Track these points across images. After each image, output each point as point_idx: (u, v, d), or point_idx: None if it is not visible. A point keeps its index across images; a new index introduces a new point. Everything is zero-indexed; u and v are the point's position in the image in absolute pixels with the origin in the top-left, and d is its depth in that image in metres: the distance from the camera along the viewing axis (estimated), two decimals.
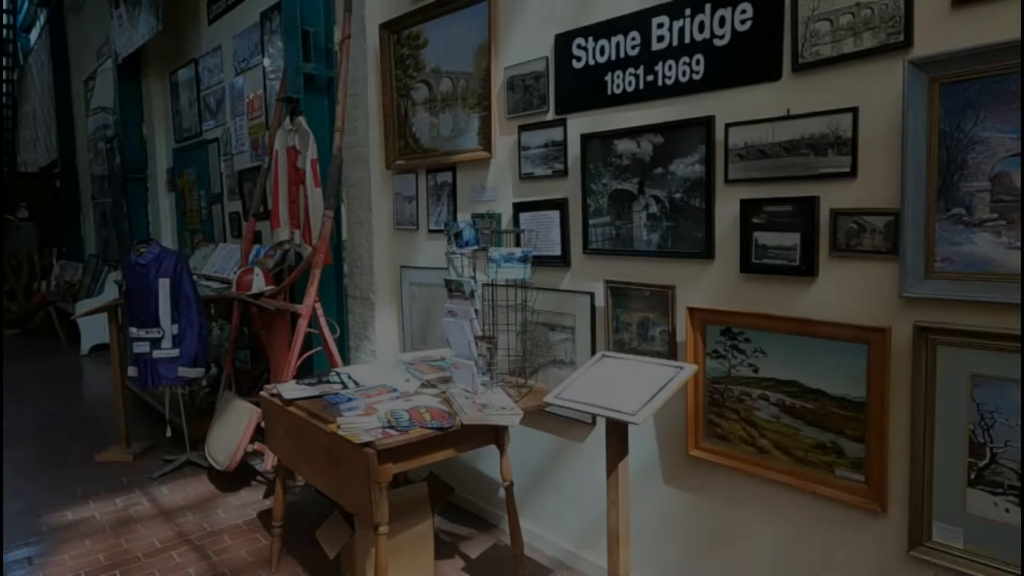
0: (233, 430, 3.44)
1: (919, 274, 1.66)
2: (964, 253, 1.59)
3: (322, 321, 3.25)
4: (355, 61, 3.49)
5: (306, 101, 3.62)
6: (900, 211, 1.66)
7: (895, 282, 1.71)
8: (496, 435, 2.31)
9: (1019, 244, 1.51)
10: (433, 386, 2.51)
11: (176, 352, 3.58)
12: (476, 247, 2.40)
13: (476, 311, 2.33)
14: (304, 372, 3.45)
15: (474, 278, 2.42)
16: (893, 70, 1.66)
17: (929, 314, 1.66)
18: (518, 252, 2.26)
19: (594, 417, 2.49)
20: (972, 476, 1.62)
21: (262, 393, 2.58)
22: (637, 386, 1.91)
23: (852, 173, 1.77)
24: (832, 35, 1.78)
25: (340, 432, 2.06)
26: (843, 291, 1.82)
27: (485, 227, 2.84)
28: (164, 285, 3.54)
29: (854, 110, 1.75)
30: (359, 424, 2.09)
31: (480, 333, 2.31)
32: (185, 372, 3.61)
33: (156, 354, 3.56)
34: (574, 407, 1.89)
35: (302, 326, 3.17)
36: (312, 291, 3.20)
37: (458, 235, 2.36)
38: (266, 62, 4.61)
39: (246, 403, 3.47)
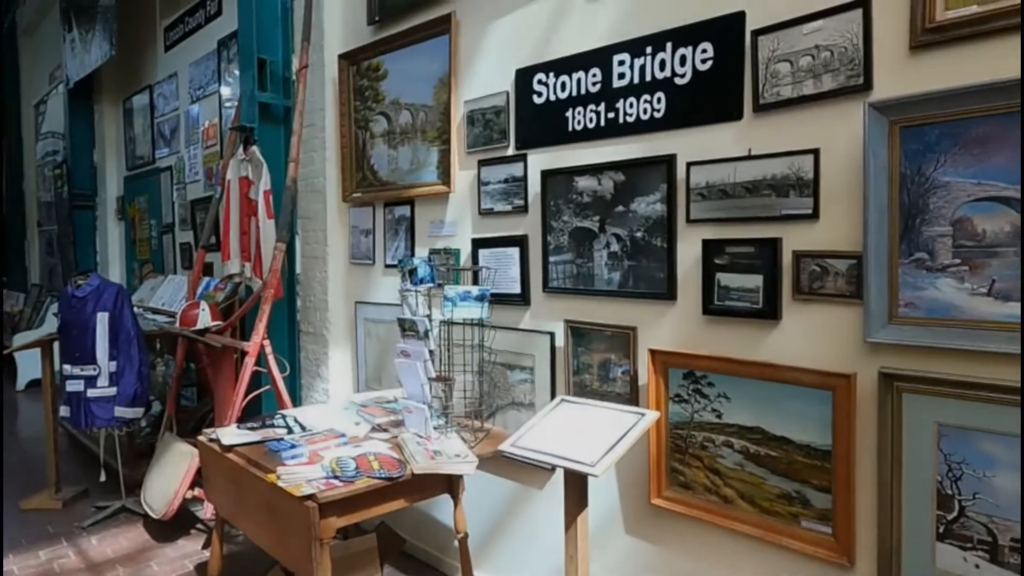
0: (172, 475, 3.22)
1: (883, 319, 1.62)
2: (927, 298, 1.56)
3: (270, 359, 3.09)
4: (313, 91, 3.41)
5: (261, 131, 3.51)
6: (863, 254, 1.63)
7: (859, 327, 1.66)
8: (450, 484, 2.18)
9: (984, 290, 1.48)
10: (384, 430, 2.38)
11: (113, 391, 3.36)
12: (431, 284, 2.30)
13: (431, 352, 2.23)
14: (251, 413, 3.27)
15: (429, 317, 2.32)
16: (854, 112, 1.64)
17: (894, 360, 1.62)
18: (475, 291, 2.17)
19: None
20: (941, 530, 1.56)
21: (200, 438, 2.41)
22: (597, 433, 1.81)
23: (814, 215, 1.74)
24: (792, 76, 1.77)
25: (280, 483, 1.91)
26: (807, 335, 1.78)
27: (443, 263, 2.75)
28: (102, 319, 3.33)
29: (815, 151, 1.72)
30: (301, 474, 1.94)
31: (434, 375, 2.20)
32: (122, 412, 3.39)
33: (91, 393, 3.33)
34: (531, 457, 1.79)
35: (248, 364, 3.01)
36: (260, 327, 3.04)
37: (412, 272, 2.26)
38: (223, 90, 4.50)
39: (187, 445, 3.26)
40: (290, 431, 2.35)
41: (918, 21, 1.54)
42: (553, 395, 2.43)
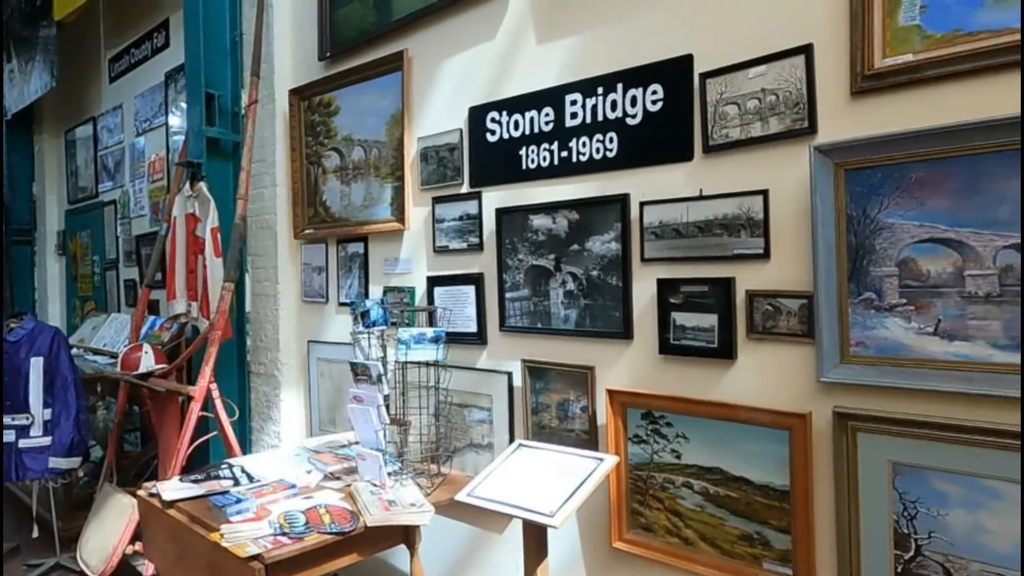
0: (111, 529, 3.04)
1: (835, 358, 1.63)
2: (877, 338, 1.58)
3: (218, 404, 2.96)
4: (263, 126, 3.34)
5: (209, 166, 3.41)
6: (814, 294, 1.64)
7: (812, 366, 1.67)
8: (406, 534, 2.10)
9: (930, 330, 1.50)
10: (337, 478, 2.29)
11: (47, 440, 3.17)
12: (384, 327, 2.24)
13: (385, 396, 2.16)
14: (199, 459, 3.13)
15: (383, 359, 2.25)
16: (800, 155, 1.67)
17: (847, 399, 1.63)
18: (429, 333, 2.12)
19: None
20: (899, 569, 1.56)
21: (140, 492, 2.27)
22: (555, 480, 1.77)
23: (766, 255, 1.75)
24: (740, 119, 1.79)
25: (223, 542, 1.81)
26: (762, 374, 1.78)
27: (397, 301, 2.70)
28: (36, 365, 3.16)
29: (765, 192, 1.74)
30: (246, 532, 1.84)
31: (388, 421, 2.13)
32: (57, 463, 3.20)
33: (22, 443, 3.14)
34: (488, 506, 1.73)
35: (194, 410, 2.88)
36: (207, 371, 2.92)
37: (365, 314, 2.20)
38: (172, 120, 4.38)
39: (127, 497, 3.09)
40: (236, 483, 2.23)
41: (858, 67, 1.58)
42: (512, 436, 2.38)
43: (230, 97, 3.51)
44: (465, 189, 2.53)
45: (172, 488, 2.19)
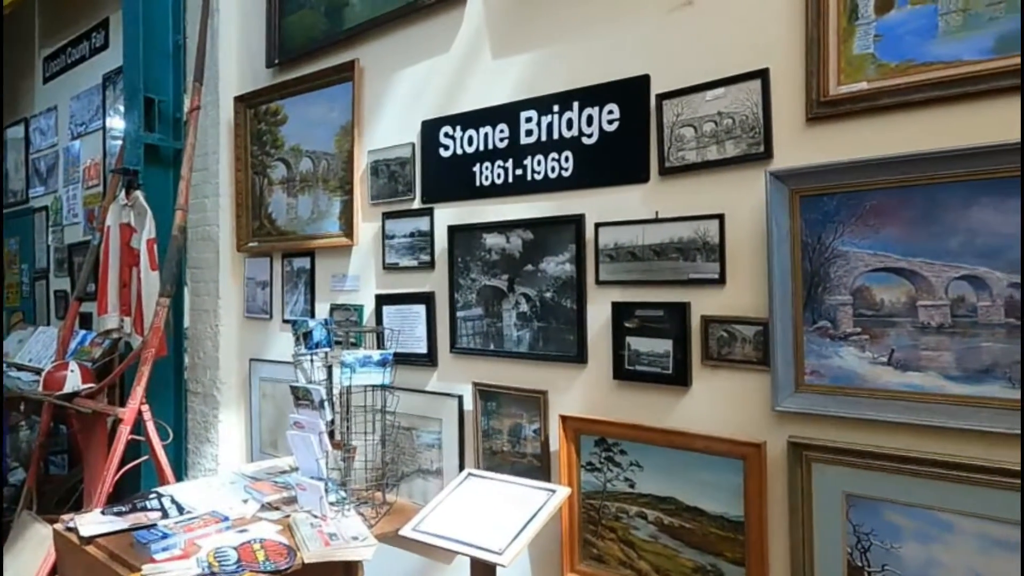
0: (27, 562, 2.81)
1: (790, 387, 1.61)
2: (832, 367, 1.56)
3: (149, 426, 2.79)
4: (206, 134, 3.19)
5: (147, 174, 3.24)
6: (769, 321, 1.62)
7: (768, 394, 1.64)
8: (347, 569, 1.98)
9: (884, 359, 1.49)
10: (276, 508, 2.16)
11: None
12: (328, 348, 2.13)
13: (329, 423, 2.05)
14: (129, 486, 2.94)
15: (327, 382, 2.14)
16: (756, 180, 1.65)
17: (802, 429, 1.60)
18: (376, 355, 2.03)
19: None
20: None
21: (56, 527, 2.10)
22: (506, 513, 1.70)
23: (721, 280, 1.72)
24: (696, 141, 1.77)
25: None
26: (717, 402, 1.74)
27: (345, 319, 2.59)
28: None
29: (721, 217, 1.72)
30: (172, 572, 1.70)
31: (330, 449, 2.02)
32: None
33: None
34: (434, 542, 1.64)
35: (123, 433, 2.69)
36: (138, 391, 2.74)
37: (307, 335, 2.09)
38: (112, 126, 4.17)
39: (47, 527, 2.87)
40: (164, 515, 2.08)
41: (813, 94, 1.57)
42: (462, 461, 2.30)
43: (172, 102, 3.35)
44: (417, 205, 2.45)
45: (92, 522, 2.02)
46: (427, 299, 2.39)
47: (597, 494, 1.95)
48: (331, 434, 2.15)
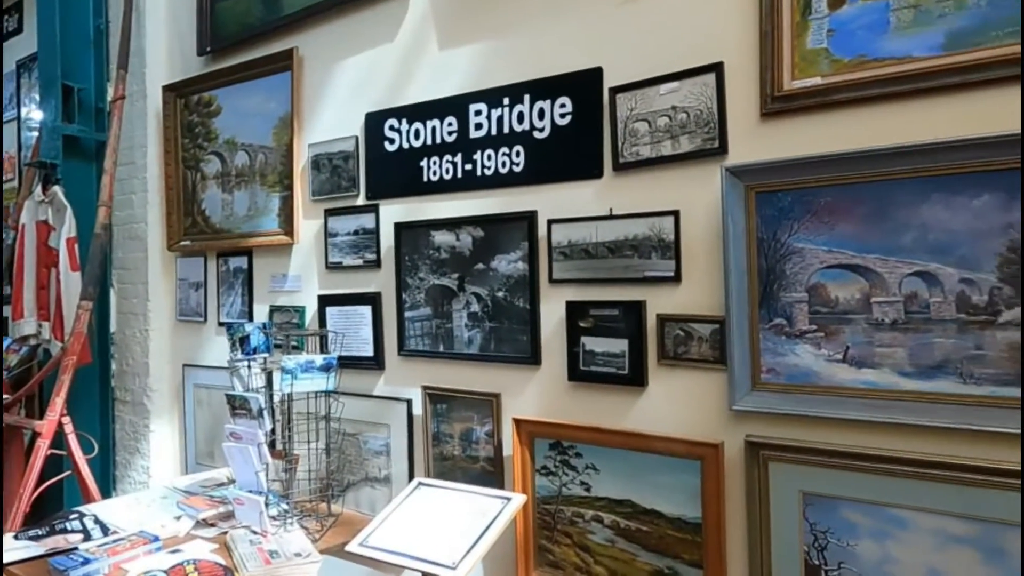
0: None
1: (746, 386, 1.59)
2: (788, 364, 1.54)
3: (71, 439, 2.59)
4: (132, 125, 2.99)
5: (66, 168, 3.02)
6: (725, 319, 1.59)
7: (724, 393, 1.62)
8: None
9: (839, 356, 1.48)
10: (212, 525, 2.02)
11: None
12: (267, 354, 2.01)
13: (268, 432, 1.93)
14: (51, 504, 2.73)
15: (266, 389, 2.02)
16: (711, 176, 1.62)
17: (759, 428, 1.58)
18: (319, 360, 1.92)
19: None
20: None
21: None
22: (458, 524, 1.62)
23: (677, 278, 1.69)
24: (651, 136, 1.73)
25: None
26: (674, 402, 1.71)
27: (285, 321, 2.46)
28: None
29: (676, 213, 1.68)
30: None
31: (270, 460, 1.90)
32: None
33: None
34: (382, 558, 1.55)
35: (41, 448, 2.49)
36: (57, 402, 2.54)
37: (244, 340, 1.96)
38: (27, 117, 3.88)
39: None
40: (87, 537, 1.92)
41: (768, 89, 1.55)
42: (411, 467, 2.21)
43: (93, 91, 3.13)
44: (361, 201, 2.34)
45: (5, 547, 1.84)
46: (373, 300, 2.29)
47: (552, 499, 1.90)
48: (272, 444, 2.03)
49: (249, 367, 2.01)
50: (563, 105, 1.89)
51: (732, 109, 1.61)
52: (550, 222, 1.89)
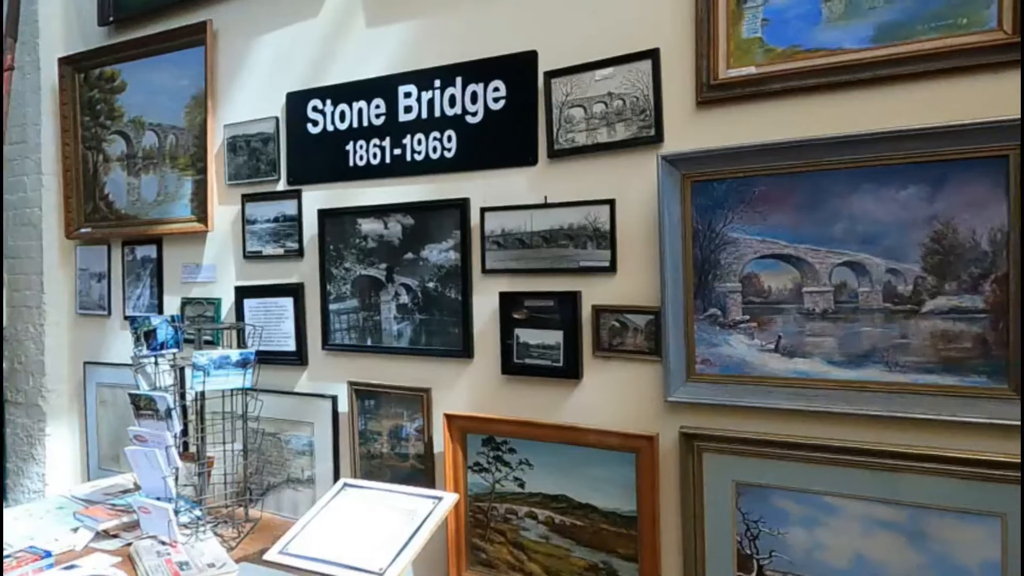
0: None
1: (681, 377, 1.57)
2: (722, 355, 1.53)
3: None
4: (23, 100, 2.72)
5: None
6: (661, 310, 1.57)
7: (660, 385, 1.60)
8: None
9: (771, 346, 1.48)
10: (114, 536, 1.86)
11: None
12: (176, 349, 1.86)
13: (178, 434, 1.78)
14: None
15: (176, 388, 1.87)
16: (647, 164, 1.59)
17: (694, 419, 1.57)
18: (235, 355, 1.78)
19: None
20: None
21: None
22: (387, 526, 1.54)
23: (612, 268, 1.66)
24: (586, 123, 1.69)
25: None
26: (609, 395, 1.68)
27: (199, 315, 2.29)
28: None
29: (611, 202, 1.65)
30: None
31: (179, 463, 1.75)
32: None
33: None
34: (304, 566, 1.45)
35: None
36: None
37: (149, 335, 1.80)
38: None
39: None
40: None
41: (703, 77, 1.54)
42: (336, 467, 2.10)
43: None
44: (282, 186, 2.20)
45: None
46: (295, 291, 2.16)
47: (485, 496, 1.84)
48: (184, 446, 1.88)
49: (156, 363, 1.85)
50: (497, 89, 1.82)
51: (668, 97, 1.59)
52: (483, 210, 1.82)
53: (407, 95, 1.96)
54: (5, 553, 1.71)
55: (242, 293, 2.26)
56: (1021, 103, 1.24)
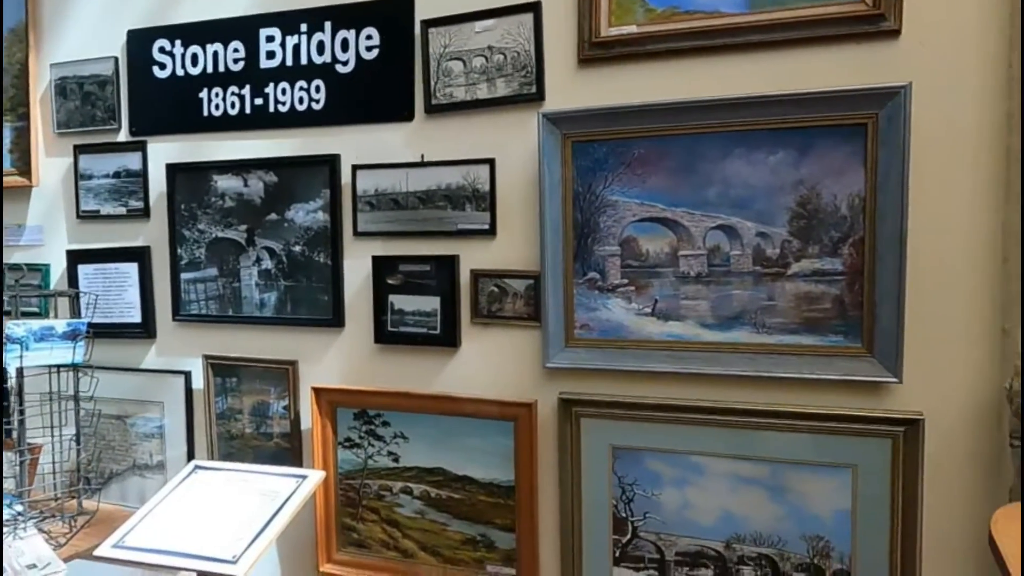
0: None
1: (560, 342, 1.54)
2: (601, 319, 1.52)
3: None
4: None
5: None
6: (541, 274, 1.53)
7: (539, 351, 1.56)
8: None
9: (648, 310, 1.48)
10: None
11: None
12: None
13: None
14: None
15: None
16: (528, 123, 1.53)
17: (572, 385, 1.55)
18: (60, 326, 1.55)
19: None
20: (617, 554, 1.54)
21: None
22: (244, 510, 1.40)
23: (491, 231, 1.59)
24: (466, 77, 1.60)
25: None
26: (488, 363, 1.62)
27: (18, 280, 1.99)
28: None
29: (491, 162, 1.58)
30: None
31: None
32: None
33: None
34: (144, 560, 1.28)
35: None
36: None
37: None
38: None
39: None
40: None
41: (585, 34, 1.49)
42: (191, 450, 1.92)
43: None
44: (123, 137, 1.95)
45: None
46: (140, 255, 1.93)
47: (357, 473, 1.74)
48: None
49: None
50: (370, 37, 1.69)
51: (550, 53, 1.53)
52: (355, 168, 1.69)
53: (270, 39, 1.78)
54: None
55: (75, 257, 1.99)
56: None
